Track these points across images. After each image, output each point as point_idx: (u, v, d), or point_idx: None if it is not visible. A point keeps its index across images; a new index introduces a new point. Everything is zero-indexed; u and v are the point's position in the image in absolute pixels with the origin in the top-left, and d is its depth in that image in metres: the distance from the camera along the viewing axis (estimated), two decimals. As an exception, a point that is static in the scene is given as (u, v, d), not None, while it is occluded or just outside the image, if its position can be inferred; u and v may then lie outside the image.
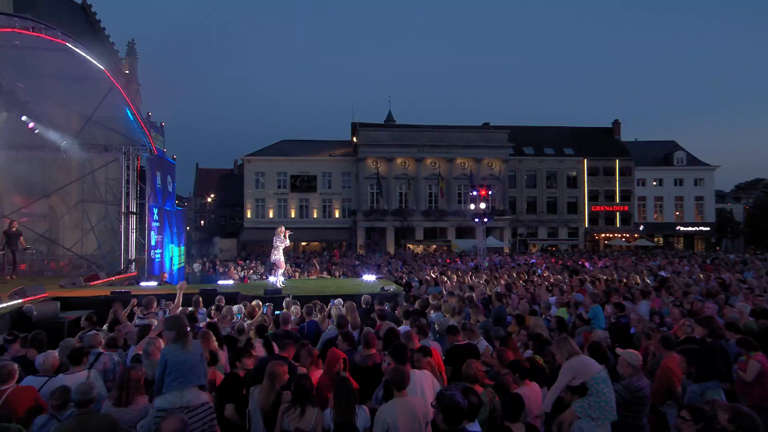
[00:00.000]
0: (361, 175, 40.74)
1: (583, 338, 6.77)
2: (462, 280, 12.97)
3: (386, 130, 43.08)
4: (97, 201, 16.62)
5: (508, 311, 8.56)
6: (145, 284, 11.77)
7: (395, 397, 3.74)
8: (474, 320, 7.39)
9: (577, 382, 4.02)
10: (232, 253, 39.01)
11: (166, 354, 3.73)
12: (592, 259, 22.99)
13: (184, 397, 3.62)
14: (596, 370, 4.08)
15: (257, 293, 10.60)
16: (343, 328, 6.14)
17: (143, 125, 13.96)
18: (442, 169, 40.55)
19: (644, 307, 7.93)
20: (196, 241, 52.05)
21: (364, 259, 24.12)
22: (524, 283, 11.84)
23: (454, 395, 3.18)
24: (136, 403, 3.88)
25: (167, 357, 3.70)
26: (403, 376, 3.78)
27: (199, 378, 3.77)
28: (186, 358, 3.72)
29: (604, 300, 8.70)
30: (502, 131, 42.45)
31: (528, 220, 43.72)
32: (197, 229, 56.74)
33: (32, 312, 7.70)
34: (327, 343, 6.22)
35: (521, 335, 6.16)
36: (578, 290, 9.98)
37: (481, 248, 20.78)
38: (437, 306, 8.49)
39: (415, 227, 40.51)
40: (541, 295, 9.86)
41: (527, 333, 6.14)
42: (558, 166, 44.41)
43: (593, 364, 4.18)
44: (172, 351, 3.73)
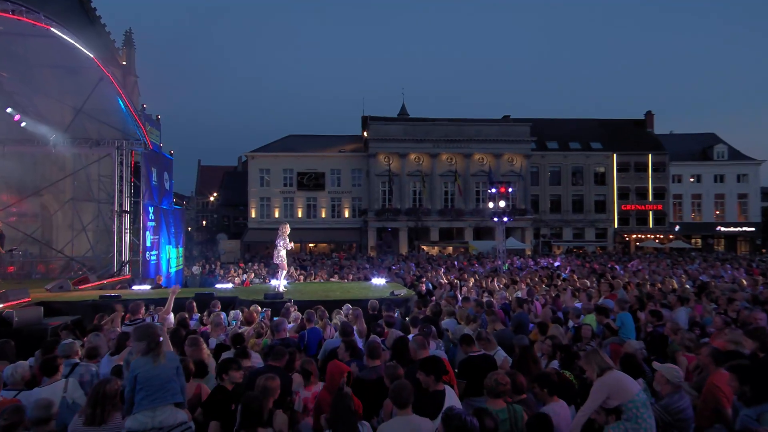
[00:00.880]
0: (372, 172, 40.69)
1: (610, 350, 6.49)
2: (479, 284, 12.68)
3: (399, 123, 42.97)
4: (89, 199, 16.67)
5: (530, 318, 8.33)
6: (137, 288, 11.70)
7: (397, 415, 3.53)
8: (491, 328, 7.17)
9: (612, 403, 3.71)
10: (235, 255, 39.15)
11: (136, 368, 3.54)
12: (623, 262, 22.42)
13: (156, 417, 3.43)
14: (635, 390, 3.76)
15: (257, 298, 10.49)
16: (348, 336, 5.96)
17: (137, 118, 13.91)
18: (459, 165, 40.31)
19: (683, 315, 7.55)
20: (198, 242, 52.58)
21: (375, 262, 23.91)
22: (547, 288, 11.46)
23: (463, 416, 2.93)
24: (113, 421, 3.68)
25: (136, 371, 3.51)
26: (406, 392, 3.57)
27: (174, 395, 3.57)
28: (158, 372, 3.52)
29: (636, 306, 8.38)
30: (523, 124, 42.10)
31: (552, 220, 43.28)
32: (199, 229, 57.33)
33: (13, 318, 7.61)
34: (330, 353, 6.04)
35: (545, 345, 5.92)
36: (608, 296, 9.69)
37: (500, 250, 20.47)
38: (451, 312, 8.26)
39: (430, 228, 40.36)
40: (566, 301, 9.62)
41: (552, 343, 5.86)
42: (584, 162, 43.88)
43: (631, 383, 3.86)
44: (141, 365, 3.53)
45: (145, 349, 3.56)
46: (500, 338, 6.51)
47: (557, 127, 45.47)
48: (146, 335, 3.62)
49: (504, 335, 6.78)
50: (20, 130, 13.34)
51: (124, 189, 14.73)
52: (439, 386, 4.10)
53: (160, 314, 7.40)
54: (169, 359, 3.69)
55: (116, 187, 14.51)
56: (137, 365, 3.55)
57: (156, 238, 16.20)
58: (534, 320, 8.19)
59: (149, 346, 3.56)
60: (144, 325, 3.98)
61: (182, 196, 68.20)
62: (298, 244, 39.89)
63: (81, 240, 16.60)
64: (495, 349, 5.76)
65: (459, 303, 9.35)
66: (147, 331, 3.69)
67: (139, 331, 3.71)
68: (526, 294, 10.75)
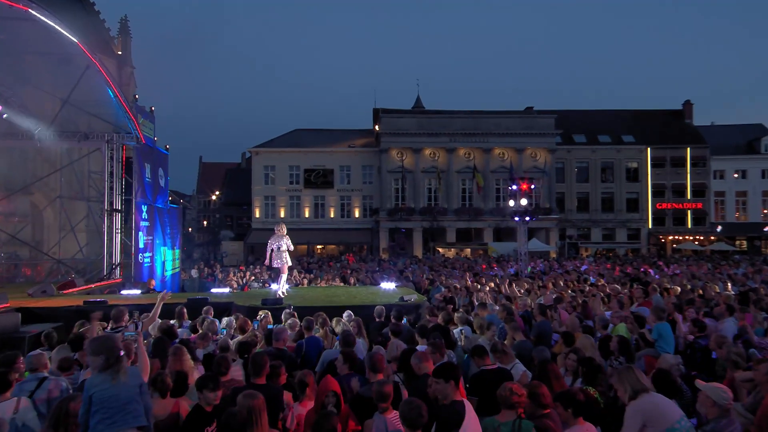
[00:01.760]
0: (384, 168, 40.58)
1: (645, 364, 6.19)
2: (498, 290, 12.40)
3: (413, 116, 42.81)
4: (79, 197, 16.69)
5: (554, 328, 8.06)
6: (126, 293, 11.66)
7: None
8: (510, 339, 6.97)
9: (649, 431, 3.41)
10: (238, 257, 39.37)
11: (91, 387, 3.31)
12: (658, 266, 21.94)
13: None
14: (675, 417, 3.47)
15: (254, 303, 10.46)
16: (349, 347, 5.80)
17: (128, 109, 13.89)
18: (478, 160, 39.96)
19: (730, 326, 7.16)
20: (199, 243, 52.97)
21: (386, 265, 23.74)
22: (573, 294, 11.19)
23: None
24: (77, 444, 3.47)
25: (92, 391, 3.28)
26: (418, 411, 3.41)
27: (136, 417, 3.35)
28: (117, 391, 3.29)
29: (673, 316, 8.01)
30: (547, 116, 41.68)
31: (579, 220, 42.82)
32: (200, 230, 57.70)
33: (-13, 325, 7.55)
34: (328, 365, 5.90)
35: (569, 359, 5.62)
36: (642, 303, 9.42)
37: (522, 252, 20.14)
38: (465, 320, 8.06)
39: (446, 228, 40.15)
40: (595, 309, 9.34)
41: (577, 357, 5.55)
42: (615, 156, 43.31)
43: (671, 408, 3.57)
44: (98, 383, 3.31)
45: (102, 365, 3.33)
46: (519, 350, 6.35)
47: (585, 119, 44.93)
48: (103, 348, 3.40)
49: (524, 347, 6.58)
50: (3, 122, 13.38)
51: (115, 186, 14.74)
52: (457, 396, 3.95)
53: (145, 322, 7.23)
54: (131, 376, 3.46)
55: (106, 183, 14.51)
56: (93, 383, 3.32)
57: (150, 238, 16.20)
58: (559, 330, 7.88)
59: (107, 362, 3.33)
60: (101, 337, 3.76)
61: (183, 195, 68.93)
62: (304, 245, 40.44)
63: (71, 241, 16.64)
64: (512, 363, 5.57)
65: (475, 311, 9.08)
66: (105, 343, 3.46)
67: (95, 344, 3.48)
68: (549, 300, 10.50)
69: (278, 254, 11.44)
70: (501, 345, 5.82)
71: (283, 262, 11.51)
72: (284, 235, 11.60)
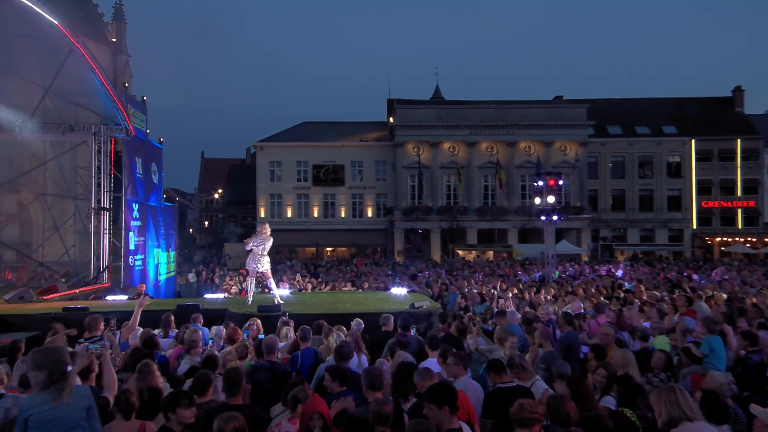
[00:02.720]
0: (400, 164, 40.52)
1: (691, 383, 5.90)
2: (521, 296, 12.11)
3: (430, 107, 42.71)
4: (64, 195, 16.73)
5: (583, 339, 7.80)
6: (112, 298, 11.60)
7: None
8: (532, 352, 6.81)
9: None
10: (243, 260, 39.49)
11: (29, 408, 3.07)
12: (704, 271, 21.37)
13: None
14: None
15: (249, 310, 10.37)
16: (343, 361, 5.66)
17: (115, 98, 13.86)
18: (501, 155, 39.69)
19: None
20: (201, 245, 53.28)
21: (400, 268, 23.55)
22: (607, 302, 10.86)
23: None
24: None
25: (29, 412, 3.05)
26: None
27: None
28: (59, 414, 3.05)
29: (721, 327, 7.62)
30: (579, 106, 41.30)
31: (614, 220, 42.32)
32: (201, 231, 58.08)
33: (-51, 334, 7.46)
34: (321, 380, 5.63)
35: (598, 374, 5.36)
36: (685, 312, 9.11)
37: (549, 255, 19.73)
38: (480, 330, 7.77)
39: (467, 229, 39.93)
40: (631, 318, 9.04)
41: (607, 372, 5.30)
42: (655, 150, 42.62)
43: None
44: (37, 404, 3.07)
45: (44, 382, 3.09)
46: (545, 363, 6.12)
47: (621, 109, 44.32)
48: (47, 362, 3.15)
49: (548, 360, 6.27)
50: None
51: (102, 182, 14.73)
52: (454, 423, 3.85)
53: (123, 330, 7.08)
54: (78, 396, 3.21)
55: (93, 180, 14.51)
56: (31, 404, 3.08)
57: (141, 239, 16.17)
58: (589, 342, 7.62)
59: (50, 378, 3.09)
60: (45, 349, 3.52)
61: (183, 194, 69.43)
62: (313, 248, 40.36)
63: (57, 242, 16.72)
64: (532, 379, 5.38)
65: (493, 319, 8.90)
66: (49, 356, 3.21)
67: (37, 357, 3.24)
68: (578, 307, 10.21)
69: (261, 257, 11.35)
70: (519, 359, 5.61)
71: (262, 266, 11.43)
72: (269, 237, 11.48)
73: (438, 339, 6.92)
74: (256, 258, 11.34)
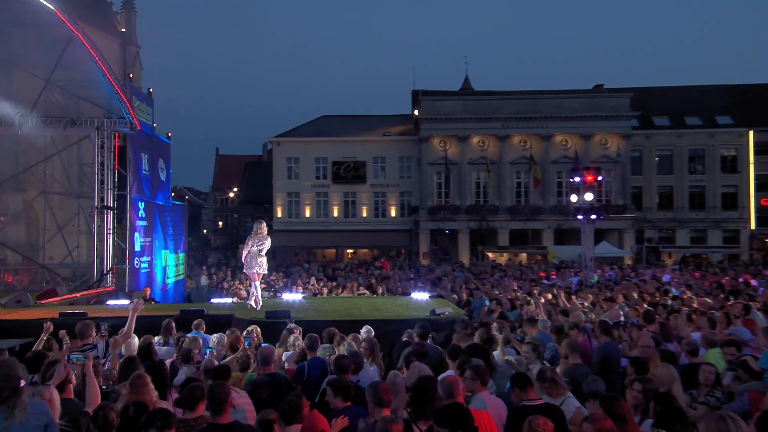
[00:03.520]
0: (425, 159, 40.47)
1: (748, 401, 5.54)
2: (554, 302, 11.85)
3: (458, 98, 42.65)
4: (66, 193, 16.97)
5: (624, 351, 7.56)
6: (113, 303, 11.67)
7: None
8: (562, 364, 6.61)
9: None
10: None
11: None
12: (763, 276, 20.63)
13: None
14: None
15: (257, 316, 10.29)
16: (343, 373, 5.52)
17: (118, 90, 13.96)
18: (535, 150, 39.36)
19: None
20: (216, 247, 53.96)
21: (424, 272, 23.40)
22: (652, 308, 10.56)
23: None
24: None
25: None
26: None
27: None
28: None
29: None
30: (621, 95, 40.89)
31: (661, 220, 41.78)
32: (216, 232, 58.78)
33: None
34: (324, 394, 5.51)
35: (633, 389, 5.17)
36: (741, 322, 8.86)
37: (587, 257, 19.26)
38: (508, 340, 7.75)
39: (498, 230, 39.76)
40: (679, 328, 8.68)
41: (642, 387, 5.08)
42: (707, 143, 41.88)
43: None
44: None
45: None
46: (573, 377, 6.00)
47: (669, 98, 43.55)
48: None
49: (580, 375, 6.08)
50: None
51: (106, 179, 14.86)
52: None
53: (117, 338, 7.02)
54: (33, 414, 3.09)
55: (96, 177, 14.65)
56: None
57: (148, 240, 16.30)
58: (629, 354, 7.38)
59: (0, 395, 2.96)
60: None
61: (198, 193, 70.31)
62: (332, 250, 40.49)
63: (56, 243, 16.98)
64: (563, 396, 5.21)
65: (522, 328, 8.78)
66: (0, 370, 3.09)
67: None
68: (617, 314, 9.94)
69: (257, 258, 11.31)
70: (550, 373, 5.42)
71: (262, 268, 11.44)
72: (267, 236, 11.46)
73: (460, 349, 6.72)
74: (255, 260, 11.29)
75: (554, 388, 5.18)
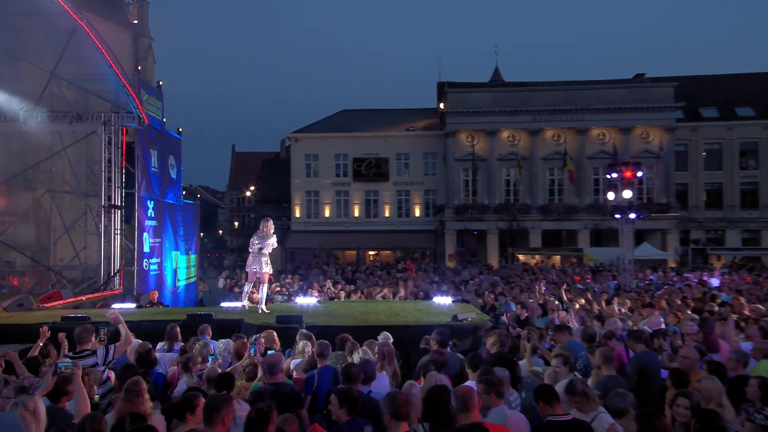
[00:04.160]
0: (451, 156, 40.42)
1: None
2: (589, 308, 11.58)
3: (486, 90, 42.59)
4: (72, 192, 17.18)
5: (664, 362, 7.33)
6: (118, 306, 11.70)
7: None
8: (595, 376, 6.48)
9: None
10: (276, 265, 40.10)
11: None
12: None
13: None
14: None
15: (267, 321, 10.24)
16: (351, 383, 5.44)
17: (125, 82, 14.07)
18: (570, 144, 39.11)
19: None
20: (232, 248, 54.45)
21: (449, 275, 23.23)
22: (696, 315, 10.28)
23: None
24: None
25: None
26: None
27: None
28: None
29: None
30: (664, 84, 40.35)
31: (708, 219, 41.12)
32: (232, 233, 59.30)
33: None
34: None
35: (678, 405, 4.98)
36: None
37: (626, 260, 18.90)
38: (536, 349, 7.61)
39: (529, 230, 39.59)
40: (726, 337, 8.42)
41: (690, 403, 4.91)
42: (761, 135, 41.16)
43: None
44: None
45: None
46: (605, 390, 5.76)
47: (717, 87, 42.84)
48: None
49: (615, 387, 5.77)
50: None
51: (114, 177, 15.00)
52: None
53: (117, 345, 7.01)
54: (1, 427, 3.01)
55: (104, 174, 14.80)
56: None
57: (157, 241, 16.42)
58: (670, 365, 7.10)
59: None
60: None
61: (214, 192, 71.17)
62: (353, 251, 40.55)
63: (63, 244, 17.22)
64: (595, 411, 5.06)
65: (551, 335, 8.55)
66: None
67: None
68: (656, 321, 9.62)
69: (258, 258, 11.34)
70: (581, 385, 5.25)
71: (264, 268, 11.43)
72: (271, 235, 11.47)
73: (481, 359, 6.60)
74: (257, 259, 11.34)
75: (585, 403, 5.03)
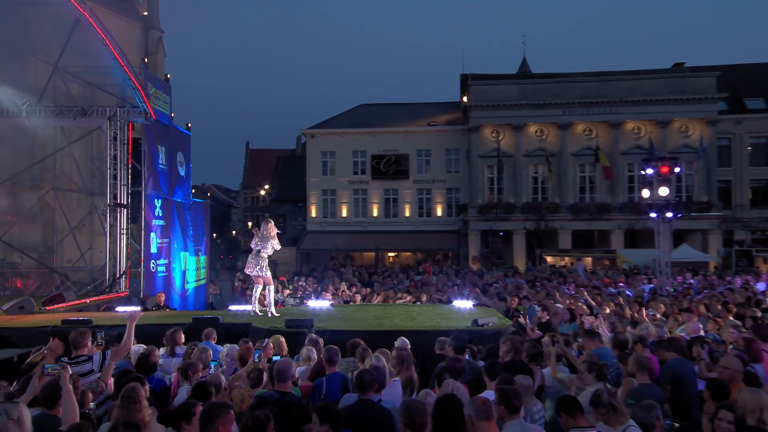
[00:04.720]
0: (475, 152, 40.20)
1: None
2: (621, 313, 11.44)
3: (512, 82, 42.18)
4: (75, 190, 17.33)
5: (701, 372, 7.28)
6: (122, 309, 11.79)
7: None
8: (627, 384, 6.40)
9: None
10: (291, 267, 40.26)
11: None
12: None
13: None
14: None
15: (276, 325, 10.34)
16: (365, 391, 5.45)
17: (131, 75, 14.15)
18: (602, 139, 38.76)
19: None
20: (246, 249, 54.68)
21: (471, 277, 23.03)
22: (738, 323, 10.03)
23: None
24: None
25: None
26: None
27: None
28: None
29: None
30: (706, 74, 39.66)
31: (754, 219, 40.33)
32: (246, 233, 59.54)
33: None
34: None
35: (720, 419, 4.87)
36: None
37: (662, 262, 18.52)
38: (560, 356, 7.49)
39: (558, 230, 39.27)
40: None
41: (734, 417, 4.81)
42: None
43: None
44: None
45: None
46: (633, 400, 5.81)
47: (763, 76, 42.05)
48: None
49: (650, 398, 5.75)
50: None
51: (120, 174, 15.11)
52: None
53: (116, 350, 7.01)
54: None
55: (109, 171, 14.93)
56: None
57: (165, 241, 16.52)
58: (707, 376, 7.03)
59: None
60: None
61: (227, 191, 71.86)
62: (371, 253, 40.45)
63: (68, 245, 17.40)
64: (624, 425, 4.96)
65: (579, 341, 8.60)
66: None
67: None
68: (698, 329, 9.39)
69: (257, 260, 11.45)
70: (608, 397, 5.12)
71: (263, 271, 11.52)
72: (273, 237, 11.54)
73: (499, 366, 6.48)
74: (256, 261, 11.46)
75: (612, 416, 4.92)
